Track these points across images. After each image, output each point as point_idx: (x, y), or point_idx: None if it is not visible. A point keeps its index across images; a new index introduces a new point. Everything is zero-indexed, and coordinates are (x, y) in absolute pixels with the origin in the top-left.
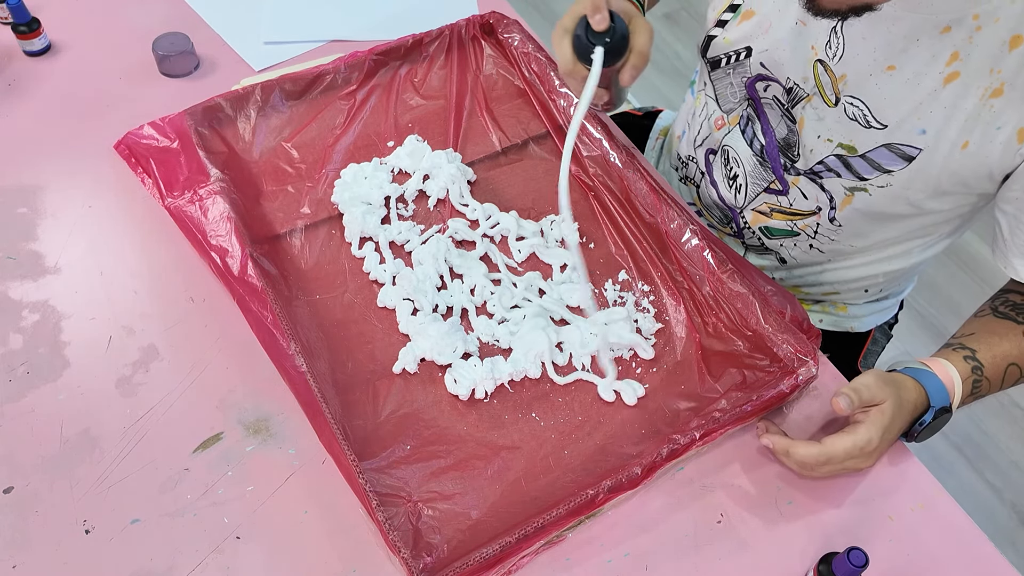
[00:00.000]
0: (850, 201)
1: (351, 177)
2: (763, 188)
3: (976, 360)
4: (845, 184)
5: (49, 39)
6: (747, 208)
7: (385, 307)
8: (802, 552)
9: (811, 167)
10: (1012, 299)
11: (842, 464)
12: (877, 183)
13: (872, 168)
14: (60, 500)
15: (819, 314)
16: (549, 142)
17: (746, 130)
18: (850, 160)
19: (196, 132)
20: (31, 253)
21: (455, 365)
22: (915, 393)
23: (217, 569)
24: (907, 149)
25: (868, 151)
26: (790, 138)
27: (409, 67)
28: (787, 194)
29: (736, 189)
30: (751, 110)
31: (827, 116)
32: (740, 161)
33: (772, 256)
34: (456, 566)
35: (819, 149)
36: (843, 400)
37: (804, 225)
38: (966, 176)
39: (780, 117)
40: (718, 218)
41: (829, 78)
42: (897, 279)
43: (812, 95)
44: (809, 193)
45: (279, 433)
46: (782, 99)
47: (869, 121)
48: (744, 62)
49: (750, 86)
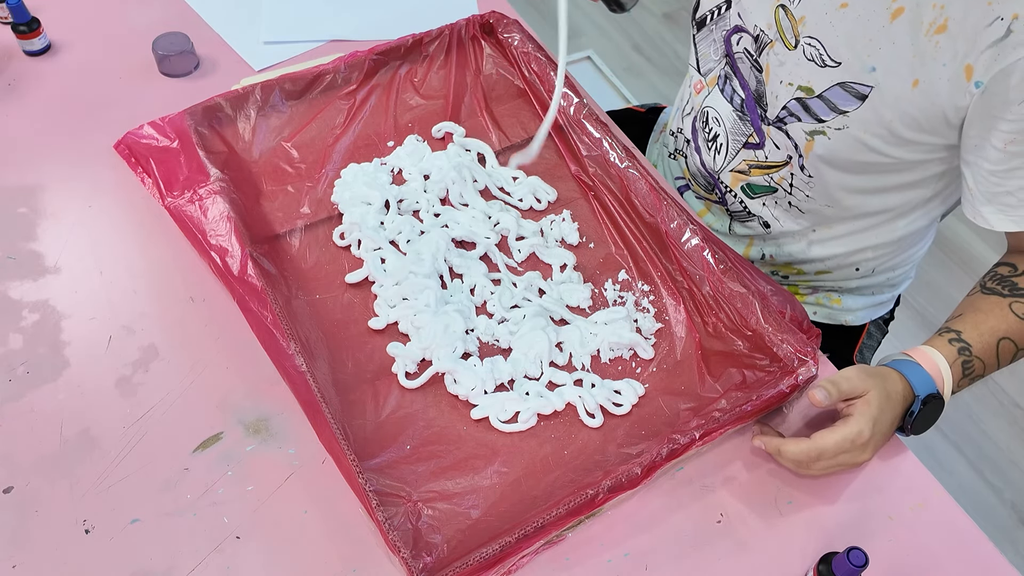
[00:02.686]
0: (812, 147)
1: (351, 177)
2: (742, 144)
3: (962, 341)
4: (805, 128)
5: (49, 39)
6: (725, 169)
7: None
8: (802, 552)
9: (777, 114)
10: (1000, 272)
11: (836, 459)
12: (834, 125)
13: (828, 109)
14: (60, 500)
15: (813, 306)
16: (549, 142)
17: (724, 88)
18: (808, 102)
19: (196, 132)
20: (31, 253)
21: (455, 365)
22: (900, 384)
23: (217, 569)
24: (859, 87)
25: (824, 91)
26: (759, 89)
27: (409, 67)
28: (763, 147)
29: (716, 150)
30: (728, 68)
31: (787, 60)
32: (720, 119)
33: (756, 222)
34: (456, 566)
35: (782, 94)
36: (819, 392)
37: (780, 178)
38: (920, 118)
39: (750, 69)
40: (703, 186)
41: (790, 21)
42: (887, 258)
43: (775, 40)
44: (780, 143)
45: (279, 433)
46: (751, 49)
47: (824, 60)
48: (725, 15)
49: (727, 40)
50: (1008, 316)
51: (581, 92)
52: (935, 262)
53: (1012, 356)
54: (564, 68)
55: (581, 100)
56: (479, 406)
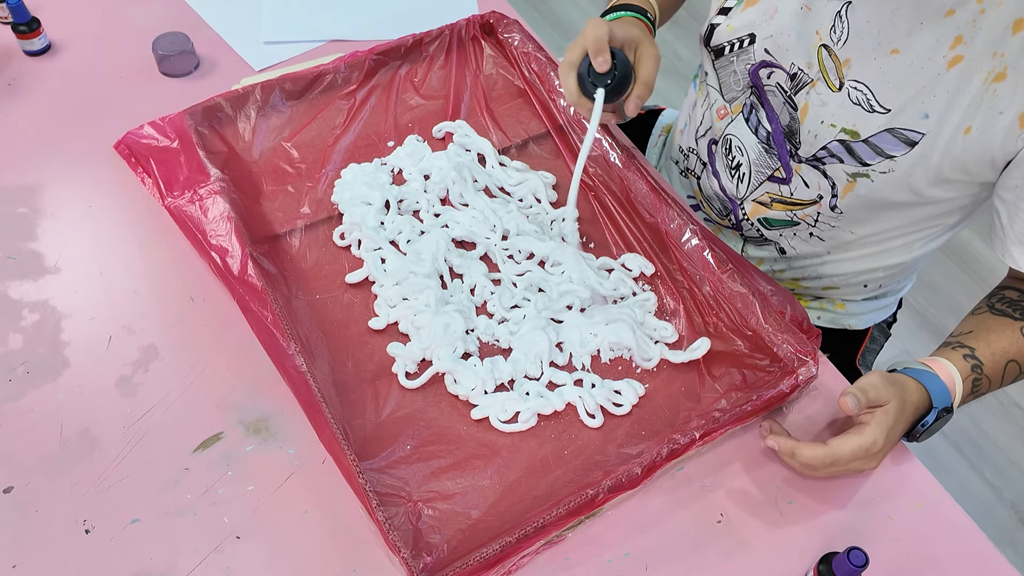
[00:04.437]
0: (852, 187)
1: (351, 177)
2: (767, 176)
3: (976, 358)
4: (847, 170)
5: (49, 39)
6: (748, 199)
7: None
8: (802, 552)
9: (814, 153)
10: (1008, 295)
11: (847, 465)
12: (879, 168)
13: (875, 153)
14: (60, 500)
15: (816, 311)
16: (549, 142)
17: (750, 118)
18: (853, 145)
19: (196, 132)
20: (31, 253)
21: (455, 365)
22: (917, 394)
23: (217, 569)
24: (910, 134)
25: (871, 136)
26: (792, 125)
27: (409, 67)
28: (789, 183)
29: (739, 179)
30: (755, 98)
31: (831, 101)
32: (744, 150)
33: (771, 247)
34: (456, 566)
35: (822, 135)
36: (851, 400)
37: (804, 215)
38: (968, 162)
39: (783, 104)
40: (717, 210)
41: (833, 63)
42: (897, 275)
43: (816, 80)
44: (811, 181)
45: (279, 433)
46: (785, 86)
47: (872, 105)
48: (748, 49)
49: (753, 73)
50: (1019, 340)
51: None
52: (935, 263)
53: (1015, 378)
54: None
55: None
56: (479, 406)
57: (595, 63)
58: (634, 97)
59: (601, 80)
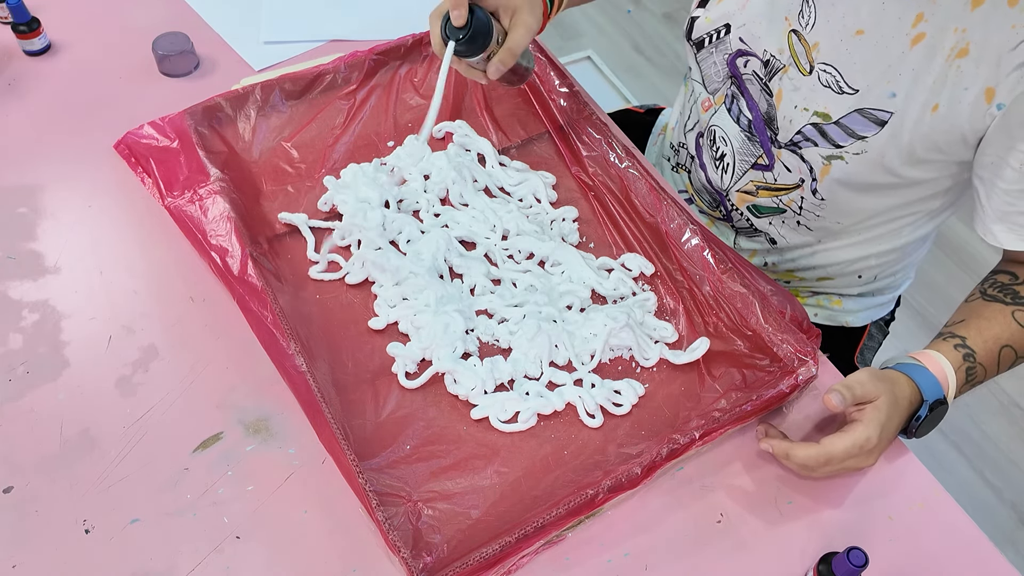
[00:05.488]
0: (828, 170)
1: (351, 177)
2: (751, 164)
3: (967, 347)
4: (822, 153)
5: (49, 39)
6: (732, 189)
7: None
8: (802, 552)
9: (791, 138)
10: (1000, 280)
11: (843, 463)
12: (852, 150)
13: (847, 135)
14: (60, 500)
15: (814, 308)
16: (549, 142)
17: (732, 107)
18: (825, 128)
19: (196, 132)
20: (31, 253)
21: (455, 365)
22: (908, 389)
23: (217, 569)
24: (879, 113)
25: (841, 117)
26: (770, 112)
27: (409, 67)
28: (772, 169)
29: (723, 169)
30: (735, 87)
31: (802, 85)
32: (728, 139)
33: (762, 237)
34: (456, 566)
35: (796, 119)
36: (835, 396)
37: (789, 200)
38: (938, 140)
39: (760, 91)
40: (708, 202)
41: (803, 47)
42: (889, 265)
43: (788, 66)
44: (792, 165)
45: (279, 433)
46: (760, 73)
47: (841, 87)
48: (725, 39)
49: (731, 63)
50: (1011, 324)
51: (583, 94)
52: (935, 262)
53: (1011, 363)
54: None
55: (582, 102)
56: (479, 406)
57: (452, 16)
58: (495, 61)
59: (455, 34)
